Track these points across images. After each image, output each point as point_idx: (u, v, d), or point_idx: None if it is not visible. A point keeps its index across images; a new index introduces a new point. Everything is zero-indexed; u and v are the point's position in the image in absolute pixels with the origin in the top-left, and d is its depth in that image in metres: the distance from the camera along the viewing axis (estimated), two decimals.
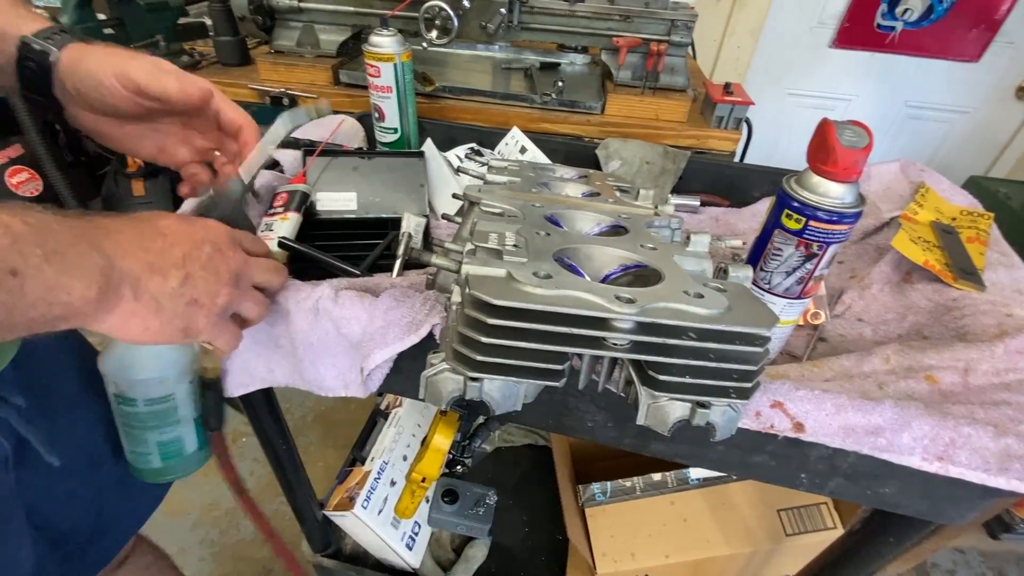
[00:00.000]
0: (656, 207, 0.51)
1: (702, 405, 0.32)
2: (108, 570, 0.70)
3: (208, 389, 0.56)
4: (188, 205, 0.57)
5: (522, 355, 0.31)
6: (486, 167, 0.58)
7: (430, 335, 0.47)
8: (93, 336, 0.44)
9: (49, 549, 0.57)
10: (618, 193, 0.55)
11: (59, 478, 0.56)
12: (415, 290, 0.49)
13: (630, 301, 0.31)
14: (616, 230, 0.46)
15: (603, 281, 0.39)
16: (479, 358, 0.31)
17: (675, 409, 0.32)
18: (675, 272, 0.37)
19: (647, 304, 0.31)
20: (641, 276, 0.38)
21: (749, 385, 0.32)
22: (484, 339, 0.30)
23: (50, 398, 0.56)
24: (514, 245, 0.36)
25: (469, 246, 0.36)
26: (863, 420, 0.41)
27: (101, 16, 1.14)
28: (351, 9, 1.11)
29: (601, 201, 0.51)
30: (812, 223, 0.44)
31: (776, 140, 2.00)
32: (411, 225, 0.64)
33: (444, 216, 0.58)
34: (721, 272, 0.39)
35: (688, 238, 0.43)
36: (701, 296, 0.33)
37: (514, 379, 0.31)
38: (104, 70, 0.43)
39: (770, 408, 0.42)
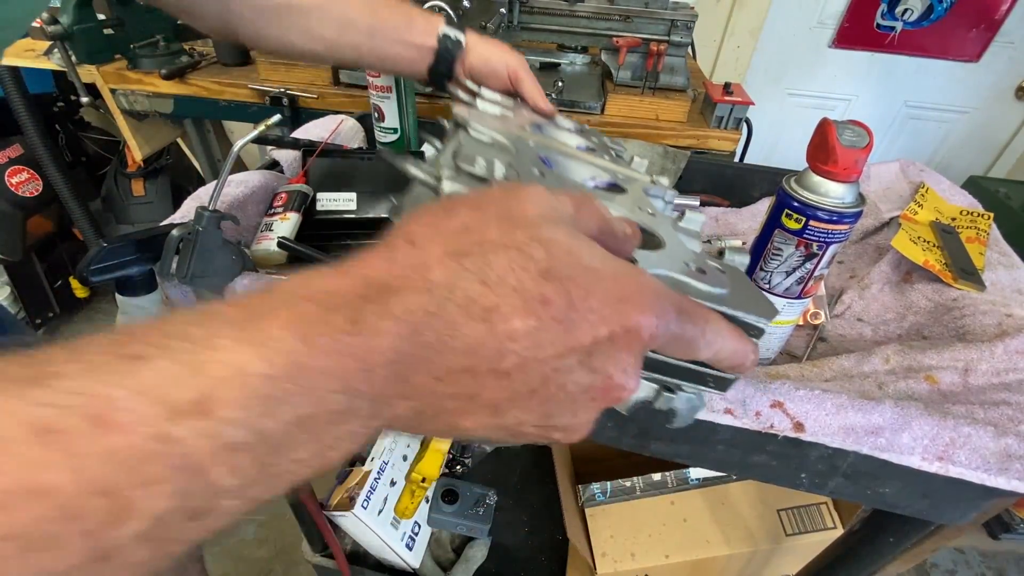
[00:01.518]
0: (652, 176, 0.48)
1: (669, 389, 0.29)
2: None
3: None
4: (189, 203, 0.57)
5: None
6: (476, 96, 0.52)
7: None
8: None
9: None
10: (613, 154, 0.53)
11: None
12: None
13: (631, 260, 0.27)
14: (612, 188, 0.41)
15: None
16: None
17: (640, 388, 0.29)
18: (676, 242, 0.33)
19: (647, 268, 0.27)
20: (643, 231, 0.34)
21: (732, 377, 0.29)
22: None
23: None
24: (504, 177, 0.31)
25: (448, 172, 0.29)
26: (863, 420, 0.41)
27: (101, 16, 1.14)
28: None
29: (597, 157, 0.48)
30: (812, 223, 0.44)
31: (776, 140, 2.00)
32: None
33: (423, 137, 0.54)
34: (719, 254, 0.37)
35: (683, 215, 0.39)
36: (703, 272, 0.30)
37: None
38: (496, 58, 0.58)
39: (770, 408, 0.42)
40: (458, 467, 0.73)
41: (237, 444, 0.16)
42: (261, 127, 0.49)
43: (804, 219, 0.44)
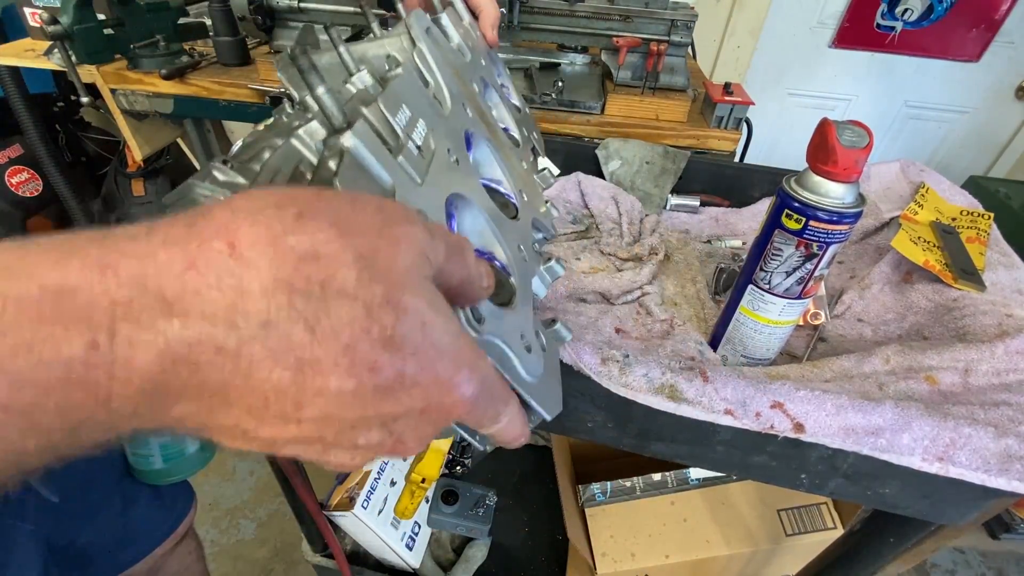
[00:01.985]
0: (547, 202, 0.45)
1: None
2: (166, 549, 0.71)
3: None
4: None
5: None
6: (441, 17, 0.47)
7: None
8: None
9: (62, 568, 0.57)
10: (532, 157, 0.51)
11: (76, 496, 0.55)
12: None
13: (479, 320, 0.26)
14: (506, 204, 0.37)
15: None
16: None
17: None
18: (524, 302, 0.32)
19: (489, 333, 0.26)
20: (497, 281, 0.31)
21: (492, 446, 0.31)
22: None
23: None
24: (418, 148, 0.26)
25: (365, 109, 0.23)
26: (863, 420, 0.41)
27: (101, 16, 1.13)
28: (351, 9, 1.11)
29: (517, 149, 0.46)
30: (812, 223, 0.44)
31: (776, 140, 2.00)
32: None
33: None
34: (551, 322, 0.37)
35: (548, 260, 0.38)
36: (529, 350, 0.29)
37: None
38: None
39: (770, 409, 0.42)
40: (458, 468, 0.73)
41: None
42: (259, 127, 0.49)
43: (804, 219, 0.44)
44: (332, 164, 0.21)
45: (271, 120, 0.46)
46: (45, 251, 0.15)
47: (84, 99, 1.20)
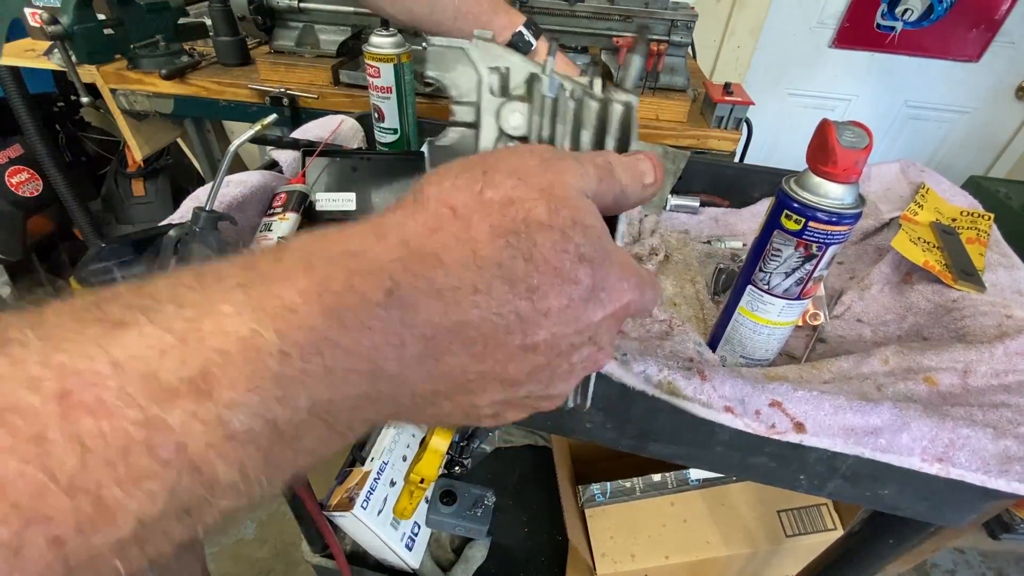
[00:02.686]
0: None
1: None
2: None
3: None
4: (187, 204, 0.57)
5: None
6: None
7: None
8: None
9: None
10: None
11: None
12: None
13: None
14: None
15: None
16: None
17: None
18: None
19: None
20: None
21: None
22: None
23: None
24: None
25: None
26: (861, 421, 0.41)
27: (101, 16, 1.14)
28: (351, 9, 1.11)
29: None
30: (811, 224, 0.44)
31: (776, 140, 2.00)
32: None
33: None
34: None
35: None
36: None
37: None
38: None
39: (769, 407, 0.42)
40: (457, 468, 0.73)
41: (241, 433, 0.13)
42: (257, 127, 0.49)
43: (803, 220, 0.44)
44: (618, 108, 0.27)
45: (269, 118, 0.46)
46: (334, 230, 0.19)
47: (84, 99, 1.20)
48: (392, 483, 0.94)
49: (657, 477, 0.92)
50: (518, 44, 0.58)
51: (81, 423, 0.11)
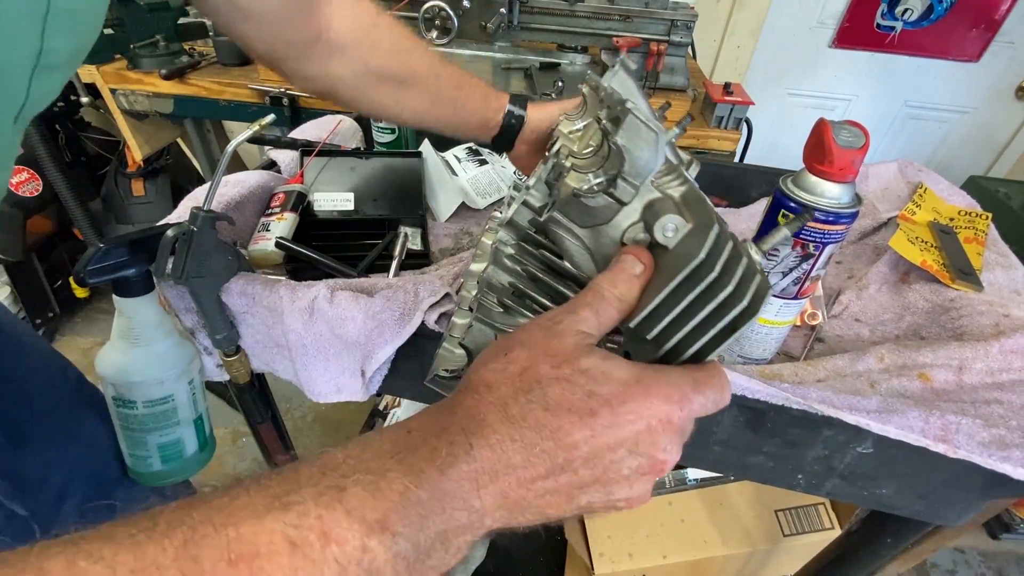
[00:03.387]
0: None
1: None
2: None
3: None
4: (186, 204, 0.57)
5: None
6: None
7: (424, 328, 0.47)
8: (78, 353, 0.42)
9: None
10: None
11: (58, 504, 0.55)
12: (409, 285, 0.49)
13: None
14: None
15: None
16: None
17: None
18: None
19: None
20: None
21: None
22: None
23: (23, 432, 0.54)
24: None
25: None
26: (855, 406, 0.41)
27: None
28: None
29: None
30: (808, 223, 0.44)
31: (776, 140, 2.00)
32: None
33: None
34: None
35: None
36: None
37: None
38: (548, 123, 0.59)
39: (764, 387, 0.42)
40: None
41: (402, 553, 0.22)
42: (255, 127, 0.49)
43: None
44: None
45: (267, 119, 0.46)
46: (431, 411, 0.28)
47: (84, 99, 1.21)
48: None
49: None
50: (512, 123, 0.60)
51: (332, 549, 0.21)
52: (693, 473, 0.91)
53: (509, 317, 0.38)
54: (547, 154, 0.45)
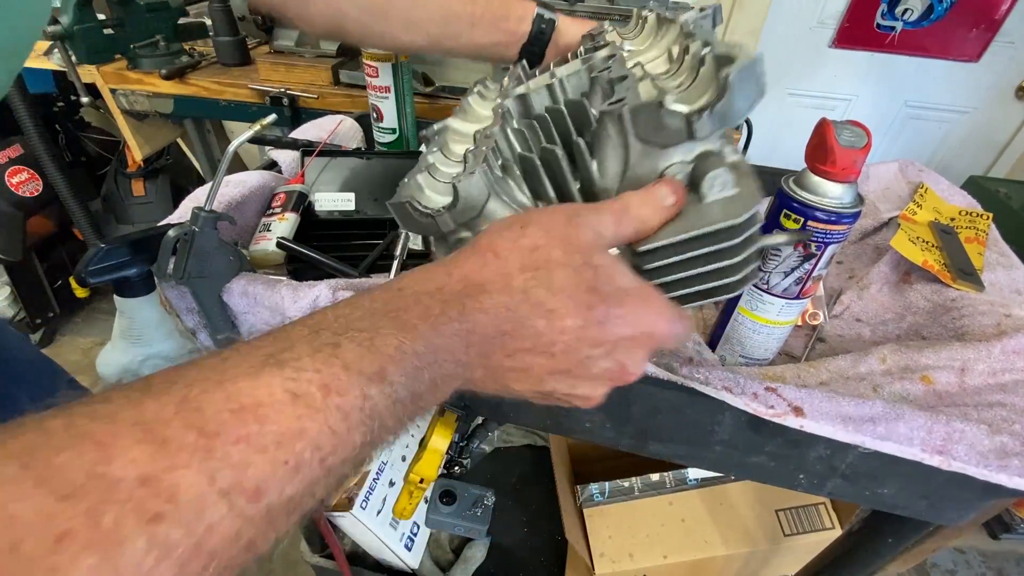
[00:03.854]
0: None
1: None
2: None
3: None
4: (186, 204, 0.57)
5: None
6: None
7: None
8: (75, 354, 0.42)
9: None
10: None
11: None
12: None
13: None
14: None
15: None
16: None
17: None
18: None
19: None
20: None
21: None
22: None
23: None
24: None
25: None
26: (857, 411, 0.41)
27: (101, 16, 1.14)
28: None
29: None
30: (810, 223, 0.44)
31: (776, 140, 2.00)
32: None
33: None
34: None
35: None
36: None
37: None
38: (580, 32, 0.57)
39: (765, 391, 0.42)
40: (456, 468, 0.73)
41: (400, 399, 0.23)
42: (256, 127, 0.49)
43: (803, 219, 0.44)
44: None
45: (268, 119, 0.46)
46: (425, 270, 0.28)
47: (84, 99, 1.20)
48: (391, 483, 0.94)
49: (655, 477, 0.92)
50: (542, 29, 0.56)
51: (334, 399, 0.21)
52: (693, 473, 0.91)
53: (506, 184, 0.36)
54: (580, 54, 0.44)
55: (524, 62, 0.55)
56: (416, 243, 0.66)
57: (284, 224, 0.59)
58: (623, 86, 0.33)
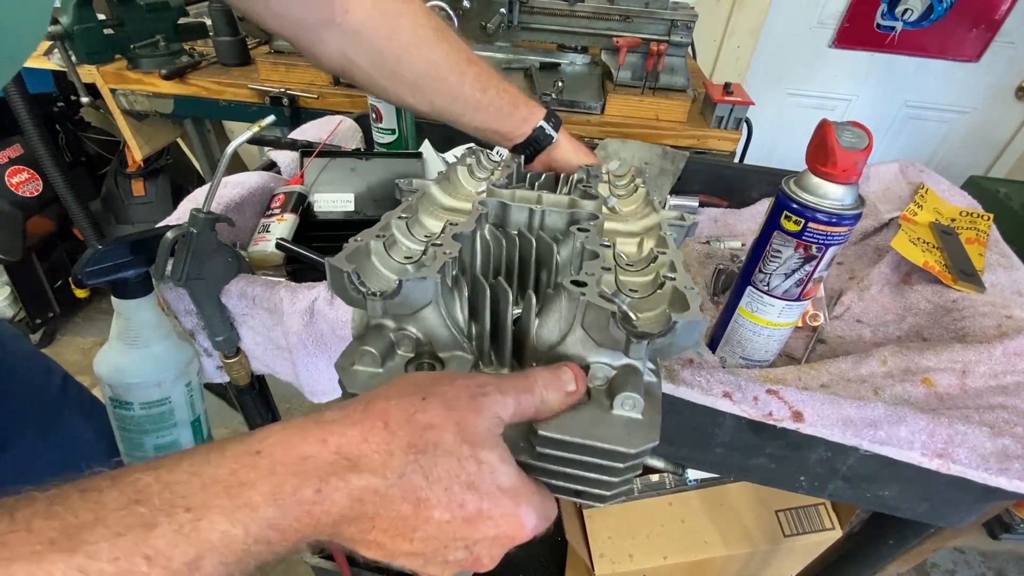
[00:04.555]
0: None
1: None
2: None
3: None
4: (185, 205, 0.57)
5: None
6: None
7: None
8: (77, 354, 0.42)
9: None
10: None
11: None
12: None
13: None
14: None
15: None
16: None
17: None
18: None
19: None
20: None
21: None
22: None
23: (2, 436, 0.54)
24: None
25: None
26: (859, 413, 0.41)
27: (101, 16, 1.13)
28: None
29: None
30: (811, 225, 0.44)
31: (776, 140, 2.00)
32: None
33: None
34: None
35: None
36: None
37: None
38: (575, 161, 0.61)
39: (767, 394, 0.42)
40: None
41: None
42: (255, 128, 0.49)
43: (803, 221, 0.44)
44: None
45: (267, 120, 0.46)
46: (300, 430, 0.25)
47: (84, 99, 1.20)
48: None
49: (655, 477, 0.92)
50: (539, 138, 0.59)
51: None
52: (693, 474, 0.91)
53: (451, 299, 0.35)
54: (572, 183, 0.49)
55: (521, 159, 0.59)
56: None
57: (283, 225, 0.59)
58: (592, 264, 0.34)
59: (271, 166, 0.72)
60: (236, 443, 0.25)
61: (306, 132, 0.78)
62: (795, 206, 0.44)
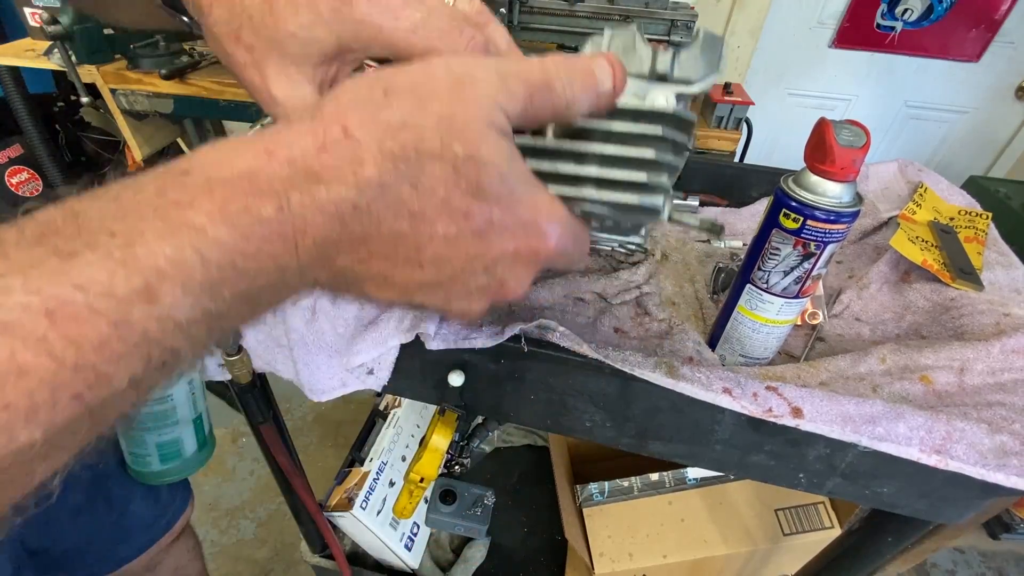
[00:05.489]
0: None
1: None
2: (163, 546, 0.72)
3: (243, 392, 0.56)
4: None
5: None
6: None
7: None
8: None
9: (39, 570, 0.56)
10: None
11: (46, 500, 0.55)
12: None
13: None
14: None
15: None
16: None
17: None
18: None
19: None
20: None
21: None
22: None
23: None
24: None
25: None
26: (857, 410, 0.41)
27: None
28: None
29: None
30: (810, 223, 0.44)
31: (776, 140, 2.00)
32: None
33: None
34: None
35: None
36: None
37: None
38: None
39: (766, 391, 0.42)
40: (456, 467, 0.73)
41: (185, 321, 0.17)
42: (256, 128, 0.49)
43: (802, 219, 0.44)
44: None
45: (267, 119, 0.46)
46: (233, 143, 0.19)
47: (84, 99, 1.20)
48: (391, 483, 0.94)
49: (655, 476, 0.92)
50: None
51: (68, 329, 0.15)
52: (693, 472, 0.92)
53: None
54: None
55: None
56: None
57: None
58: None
59: None
60: (158, 169, 0.19)
61: None
62: (794, 204, 0.44)
